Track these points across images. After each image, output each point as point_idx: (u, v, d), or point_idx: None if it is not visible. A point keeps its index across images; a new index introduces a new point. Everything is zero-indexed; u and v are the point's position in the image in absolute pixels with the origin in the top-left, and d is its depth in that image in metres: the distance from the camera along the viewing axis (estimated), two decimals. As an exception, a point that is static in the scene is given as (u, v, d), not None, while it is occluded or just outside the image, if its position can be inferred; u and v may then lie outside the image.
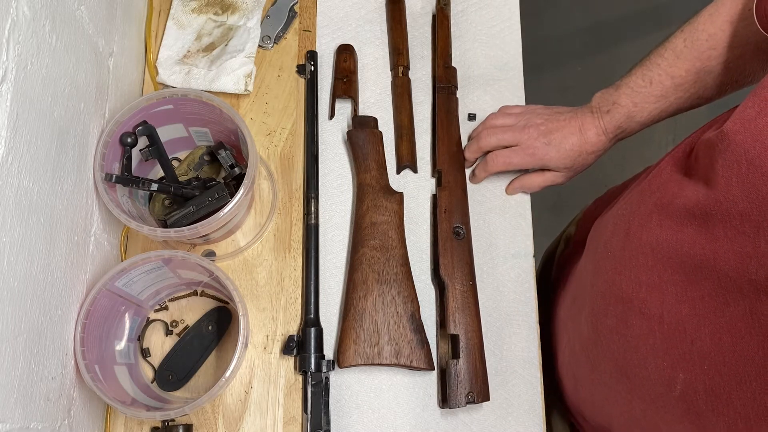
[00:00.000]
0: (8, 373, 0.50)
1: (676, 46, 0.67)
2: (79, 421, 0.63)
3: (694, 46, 0.65)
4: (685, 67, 0.66)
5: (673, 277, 0.52)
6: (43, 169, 0.55)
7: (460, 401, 0.69)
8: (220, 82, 0.80)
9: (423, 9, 0.89)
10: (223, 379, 0.62)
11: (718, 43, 0.63)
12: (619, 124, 0.72)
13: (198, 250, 0.76)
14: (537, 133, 0.75)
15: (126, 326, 0.71)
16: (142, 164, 0.73)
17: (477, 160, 0.81)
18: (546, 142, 0.74)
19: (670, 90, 0.68)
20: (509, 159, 0.76)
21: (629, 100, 0.70)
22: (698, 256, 0.49)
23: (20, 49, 0.50)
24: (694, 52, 0.65)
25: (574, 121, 0.74)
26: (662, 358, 0.53)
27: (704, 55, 0.64)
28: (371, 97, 0.85)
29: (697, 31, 0.65)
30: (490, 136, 0.77)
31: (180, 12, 0.84)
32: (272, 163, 0.80)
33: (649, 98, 0.69)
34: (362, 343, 0.71)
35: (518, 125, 0.77)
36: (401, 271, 0.74)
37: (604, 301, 0.61)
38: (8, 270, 0.49)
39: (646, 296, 0.55)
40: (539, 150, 0.74)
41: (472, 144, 0.80)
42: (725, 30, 0.63)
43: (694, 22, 0.65)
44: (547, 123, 0.75)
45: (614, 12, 2.05)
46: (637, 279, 0.56)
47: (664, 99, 0.69)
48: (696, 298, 0.50)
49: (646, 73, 0.69)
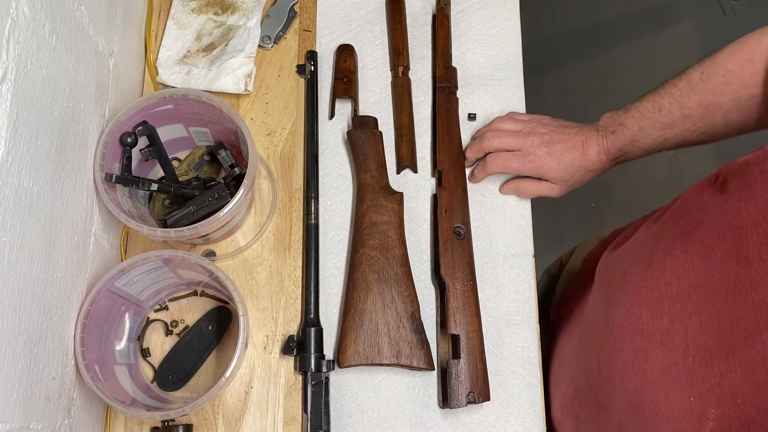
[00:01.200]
0: (8, 373, 0.50)
1: (691, 78, 0.66)
2: (79, 421, 0.63)
3: (709, 79, 0.64)
4: (697, 99, 0.65)
5: (699, 305, 0.50)
6: (43, 169, 0.55)
7: (461, 401, 0.69)
8: (220, 82, 0.80)
9: (423, 9, 0.89)
10: (223, 379, 0.62)
11: (733, 80, 0.63)
12: (622, 146, 0.71)
13: (198, 250, 0.76)
14: (540, 141, 0.75)
15: (126, 326, 0.71)
16: (142, 164, 0.73)
17: (478, 161, 0.81)
18: (547, 152, 0.74)
19: (677, 120, 0.67)
20: (508, 162, 0.76)
21: (636, 124, 0.70)
22: (730, 281, 0.47)
23: (20, 49, 0.50)
24: (709, 85, 0.64)
25: (578, 137, 0.74)
26: (688, 393, 0.50)
27: (717, 90, 0.64)
28: (371, 97, 0.85)
29: (716, 66, 0.64)
30: (494, 138, 0.77)
31: (180, 12, 0.84)
32: (272, 163, 0.80)
33: (656, 125, 0.69)
34: (362, 343, 0.71)
35: (523, 131, 0.76)
36: (401, 271, 0.74)
37: (620, 334, 0.59)
38: (8, 270, 0.49)
39: (669, 327, 0.52)
40: (539, 158, 0.74)
41: (475, 144, 0.80)
42: (744, 68, 0.62)
43: (714, 57, 0.65)
44: (551, 134, 0.75)
45: (614, 12, 2.05)
46: (659, 309, 0.54)
47: (671, 128, 0.68)
48: (724, 327, 0.47)
49: (657, 100, 0.69)
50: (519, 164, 0.76)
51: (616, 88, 1.96)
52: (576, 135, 0.74)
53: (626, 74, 1.97)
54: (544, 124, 0.77)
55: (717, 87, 0.64)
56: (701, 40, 2.03)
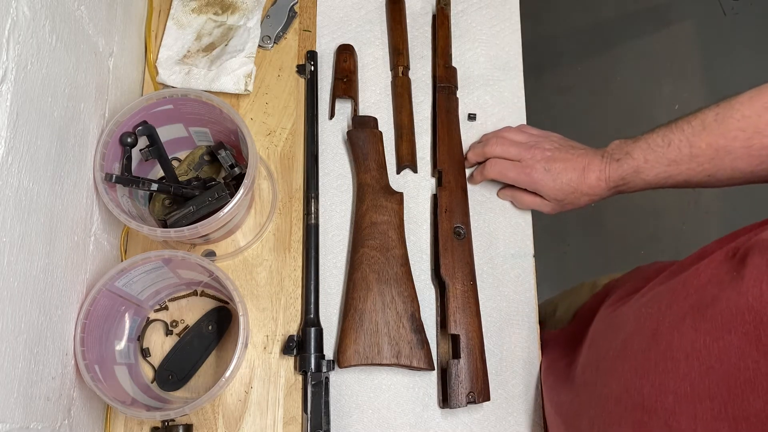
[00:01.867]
0: (8, 373, 0.50)
1: (706, 117, 0.64)
2: (79, 421, 0.63)
3: (724, 122, 0.63)
4: (708, 140, 0.64)
5: (711, 390, 0.47)
6: (43, 169, 0.55)
7: (461, 401, 0.69)
8: (220, 82, 0.80)
9: (423, 9, 0.89)
10: (223, 379, 0.62)
11: (748, 126, 0.61)
12: (624, 175, 0.70)
13: (198, 250, 0.76)
14: (541, 156, 0.74)
15: (126, 326, 0.71)
16: (142, 164, 0.73)
17: (479, 164, 0.81)
18: (546, 168, 0.73)
19: (685, 158, 0.66)
20: (505, 171, 0.76)
21: (642, 155, 0.68)
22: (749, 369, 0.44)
23: (20, 49, 0.50)
24: (722, 128, 0.63)
25: (581, 159, 0.72)
26: None
27: (730, 134, 0.62)
28: (371, 97, 0.85)
29: (732, 109, 0.63)
30: (497, 144, 0.77)
31: (180, 12, 0.84)
32: (272, 163, 0.80)
33: (662, 159, 0.67)
34: (362, 343, 0.71)
35: (527, 144, 0.76)
36: (401, 271, 0.74)
37: (618, 406, 0.56)
38: (8, 270, 0.49)
39: (674, 407, 0.49)
40: (536, 173, 0.74)
41: (478, 147, 0.80)
42: (761, 116, 0.61)
43: (732, 100, 0.64)
44: (554, 151, 0.74)
45: (614, 12, 2.06)
46: (663, 386, 0.51)
47: (676, 165, 0.67)
48: (740, 417, 0.44)
49: (667, 134, 0.67)
50: (515, 175, 0.75)
51: (616, 88, 1.96)
52: (579, 157, 0.73)
53: (626, 74, 1.97)
54: (551, 141, 0.76)
55: (730, 131, 0.62)
56: (701, 40, 2.03)
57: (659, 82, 1.97)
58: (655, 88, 1.96)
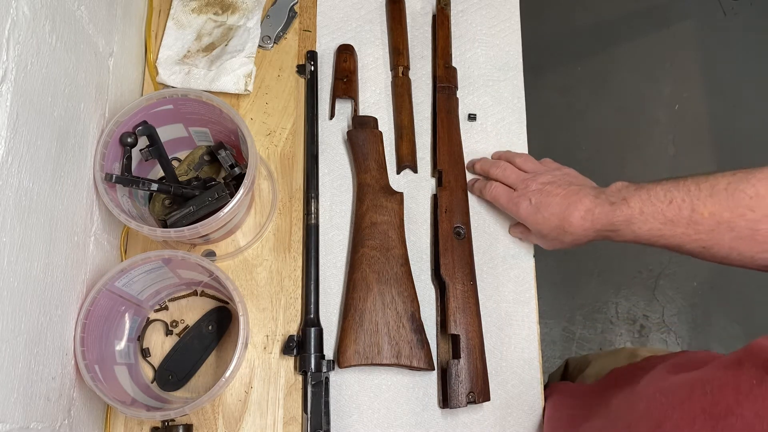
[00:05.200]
0: (8, 373, 0.50)
1: (717, 183, 0.59)
2: (79, 421, 0.63)
3: (734, 195, 0.57)
4: (712, 209, 0.58)
5: None
6: (43, 169, 0.55)
7: (461, 401, 0.69)
8: (220, 82, 0.80)
9: (423, 9, 0.89)
10: (223, 379, 0.62)
11: (759, 207, 0.56)
12: (615, 222, 0.64)
13: (198, 250, 0.76)
14: (534, 188, 0.71)
15: (126, 326, 0.71)
16: (142, 164, 0.73)
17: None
18: (534, 201, 0.70)
19: (683, 221, 0.60)
20: (497, 196, 0.75)
21: (639, 205, 0.63)
22: None
23: (20, 49, 0.50)
24: (731, 200, 0.57)
25: (570, 196, 0.68)
26: None
27: (738, 210, 0.57)
28: (371, 97, 0.85)
29: (747, 183, 0.57)
30: (499, 167, 0.76)
31: (180, 12, 0.84)
32: (272, 163, 0.80)
33: (659, 216, 0.61)
34: (362, 343, 0.71)
35: (528, 174, 0.74)
36: (401, 271, 0.74)
37: None
38: (8, 270, 0.49)
39: None
40: (521, 205, 0.72)
41: (485, 164, 0.79)
42: None
43: (749, 172, 0.58)
44: (549, 185, 0.71)
45: (614, 12, 2.05)
46: None
47: (672, 226, 0.61)
48: None
49: (671, 190, 0.61)
50: (504, 202, 0.74)
51: (616, 88, 1.96)
52: (570, 194, 0.68)
53: (626, 74, 1.97)
54: (553, 175, 0.72)
55: (738, 206, 0.57)
56: (701, 40, 2.03)
57: (659, 82, 1.97)
58: (655, 88, 1.96)
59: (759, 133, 1.94)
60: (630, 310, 1.78)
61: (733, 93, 1.97)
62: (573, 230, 0.67)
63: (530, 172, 0.75)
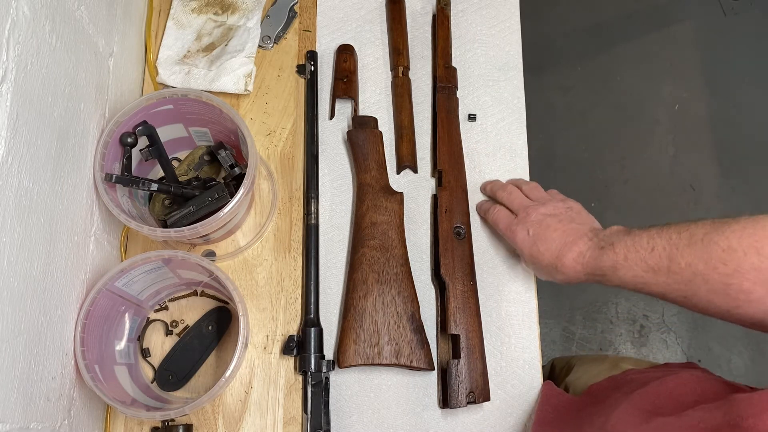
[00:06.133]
0: (8, 373, 0.50)
1: (696, 232, 0.57)
2: (79, 421, 0.63)
3: (709, 246, 0.55)
4: (689, 259, 0.57)
5: None
6: (43, 169, 0.55)
7: (461, 401, 0.69)
8: (220, 82, 0.80)
9: (423, 9, 0.89)
10: (223, 379, 0.62)
11: (731, 261, 0.54)
12: (603, 267, 0.63)
13: (198, 250, 0.76)
14: (534, 218, 0.71)
15: (126, 326, 0.71)
16: (142, 164, 0.73)
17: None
18: (532, 232, 0.70)
19: (663, 270, 0.59)
20: (498, 220, 0.75)
21: (623, 252, 0.61)
22: None
23: (20, 49, 0.50)
24: (705, 252, 0.56)
25: (568, 235, 0.67)
26: None
27: (711, 263, 0.55)
28: (371, 97, 0.85)
29: (722, 235, 0.55)
30: (506, 191, 0.76)
31: (180, 12, 0.84)
32: (272, 163, 0.81)
33: (641, 264, 0.60)
34: (362, 343, 0.71)
35: (532, 202, 0.73)
36: (401, 271, 0.74)
37: None
38: (8, 270, 0.49)
39: None
40: (519, 234, 0.71)
41: (494, 187, 0.79)
42: (747, 254, 0.53)
43: (725, 223, 0.56)
44: (550, 218, 0.70)
45: (614, 12, 2.05)
46: None
47: (654, 274, 0.59)
48: None
49: (654, 238, 0.60)
50: (503, 228, 0.74)
51: (616, 88, 1.96)
52: (568, 232, 0.67)
53: (626, 74, 1.97)
54: (555, 207, 0.71)
55: (711, 259, 0.55)
56: (701, 40, 2.03)
57: (659, 82, 1.97)
58: (655, 88, 1.96)
59: (759, 133, 1.94)
60: (630, 310, 1.78)
61: (733, 93, 1.97)
62: (565, 271, 0.66)
63: (532, 199, 0.74)
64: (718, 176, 1.89)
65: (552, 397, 0.73)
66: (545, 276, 0.71)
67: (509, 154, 0.84)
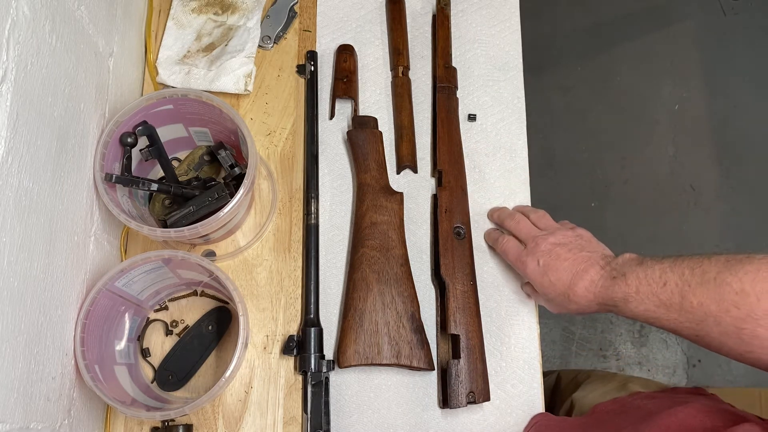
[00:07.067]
0: (8, 373, 0.50)
1: (709, 270, 0.55)
2: (79, 421, 0.63)
3: (721, 287, 0.54)
4: (701, 299, 0.55)
5: None
6: (43, 169, 0.55)
7: (461, 401, 0.69)
8: (220, 82, 0.80)
9: (423, 9, 0.89)
10: (223, 379, 0.62)
11: (743, 304, 0.52)
12: (614, 298, 0.62)
13: (198, 250, 0.76)
14: (544, 248, 0.69)
15: (126, 326, 0.71)
16: (142, 164, 0.73)
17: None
18: (542, 263, 0.68)
19: (674, 306, 0.57)
20: (507, 251, 0.74)
21: (635, 284, 0.60)
22: None
23: (20, 49, 0.50)
24: (718, 292, 0.54)
25: (579, 263, 0.66)
26: None
27: (723, 305, 0.53)
28: (371, 97, 0.85)
29: (735, 276, 0.53)
30: (514, 220, 0.75)
31: (180, 12, 0.84)
32: (272, 163, 0.81)
33: (652, 298, 0.58)
34: (362, 343, 0.71)
35: (541, 232, 0.72)
36: (401, 271, 0.74)
37: None
38: (8, 270, 0.49)
39: None
40: (529, 265, 0.70)
41: (502, 215, 0.78)
42: (760, 300, 0.51)
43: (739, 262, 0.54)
44: (559, 247, 0.68)
45: (614, 12, 2.05)
46: None
47: (666, 310, 0.58)
48: None
49: (666, 271, 0.58)
50: (512, 258, 0.73)
51: (616, 88, 1.96)
52: (579, 261, 0.66)
53: (626, 74, 1.97)
54: (564, 236, 0.70)
55: (724, 301, 0.53)
56: (701, 40, 2.03)
57: (659, 82, 1.97)
58: (655, 88, 1.96)
59: (759, 133, 1.94)
60: (630, 310, 1.78)
61: (733, 93, 1.97)
62: (577, 300, 0.65)
63: (541, 229, 0.73)
64: (718, 176, 1.89)
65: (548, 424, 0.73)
66: (558, 308, 0.70)
67: (509, 154, 0.84)
